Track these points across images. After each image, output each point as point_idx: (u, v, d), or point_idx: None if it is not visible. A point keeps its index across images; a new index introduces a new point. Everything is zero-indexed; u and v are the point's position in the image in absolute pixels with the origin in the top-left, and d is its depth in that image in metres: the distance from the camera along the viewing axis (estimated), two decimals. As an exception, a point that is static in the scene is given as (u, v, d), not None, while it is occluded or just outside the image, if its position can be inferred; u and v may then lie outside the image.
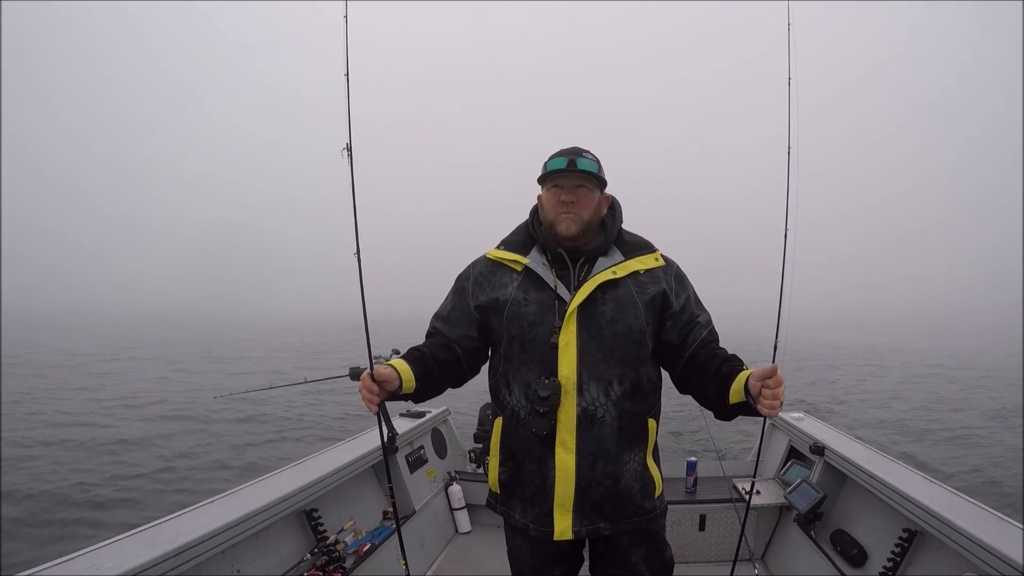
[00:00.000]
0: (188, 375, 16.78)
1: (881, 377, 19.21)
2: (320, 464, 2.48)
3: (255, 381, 7.89)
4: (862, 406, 13.18)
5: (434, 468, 3.38)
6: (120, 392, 13.00)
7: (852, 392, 15.53)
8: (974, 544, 1.73)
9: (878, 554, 2.29)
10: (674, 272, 1.56)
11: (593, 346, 1.43)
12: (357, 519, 2.63)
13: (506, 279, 1.54)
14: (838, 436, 2.91)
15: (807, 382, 17.19)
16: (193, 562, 1.70)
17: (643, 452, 1.51)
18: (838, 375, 19.30)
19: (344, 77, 1.66)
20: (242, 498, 2.07)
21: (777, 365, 1.29)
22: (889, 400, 14.10)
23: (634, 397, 1.47)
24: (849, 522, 2.57)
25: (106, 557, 1.57)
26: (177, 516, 1.88)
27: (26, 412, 10.21)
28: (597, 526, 1.46)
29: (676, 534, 2.94)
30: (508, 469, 1.54)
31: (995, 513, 1.90)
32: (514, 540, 1.61)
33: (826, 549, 2.52)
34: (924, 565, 2.08)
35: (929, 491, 2.11)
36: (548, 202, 1.51)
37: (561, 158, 1.48)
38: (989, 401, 13.95)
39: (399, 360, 1.48)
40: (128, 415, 10.53)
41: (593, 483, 1.44)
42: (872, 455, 2.58)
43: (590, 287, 1.45)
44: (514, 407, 1.49)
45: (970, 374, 20.30)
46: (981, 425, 11.03)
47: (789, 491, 2.79)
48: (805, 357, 25.15)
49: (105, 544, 1.65)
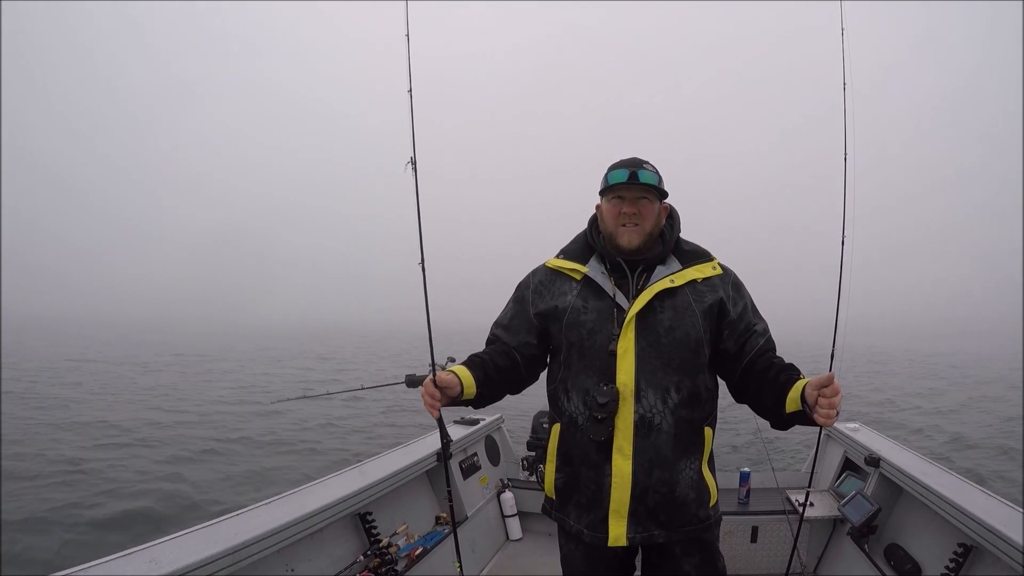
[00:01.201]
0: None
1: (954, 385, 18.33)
2: (375, 468, 2.54)
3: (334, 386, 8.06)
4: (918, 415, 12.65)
5: (487, 475, 3.40)
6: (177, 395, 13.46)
7: (910, 400, 14.94)
8: None
9: (932, 569, 2.22)
10: (732, 280, 1.56)
11: (651, 353, 1.45)
12: (410, 523, 2.67)
13: (565, 287, 1.57)
14: (894, 447, 2.83)
15: (871, 388, 16.59)
16: (249, 560, 1.75)
17: (699, 460, 1.51)
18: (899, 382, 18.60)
19: (408, 93, 1.70)
20: (299, 499, 2.13)
21: (834, 374, 1.28)
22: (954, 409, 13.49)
23: (691, 405, 1.47)
24: (903, 536, 2.50)
25: (166, 552, 1.62)
26: (236, 515, 1.94)
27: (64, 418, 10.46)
28: (652, 533, 1.47)
29: (728, 545, 2.90)
30: (564, 475, 1.56)
31: None
32: (568, 546, 1.62)
33: (879, 563, 2.45)
34: None
35: (986, 505, 2.05)
36: (609, 213, 1.53)
37: (623, 170, 1.49)
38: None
39: (460, 367, 1.52)
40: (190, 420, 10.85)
41: (649, 490, 1.45)
42: (928, 467, 2.51)
43: (648, 295, 1.46)
44: (572, 413, 1.52)
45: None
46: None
47: (843, 503, 2.72)
48: (860, 363, 24.30)
49: (165, 540, 1.70)
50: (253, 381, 17.10)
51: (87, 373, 17.69)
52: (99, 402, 12.32)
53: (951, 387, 17.60)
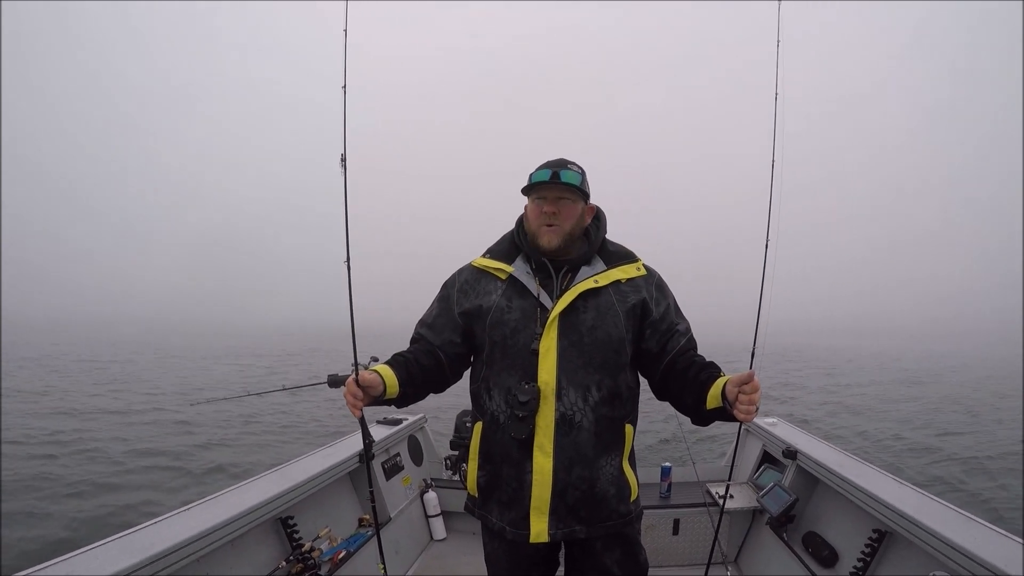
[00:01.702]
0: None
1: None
2: (296, 471, 2.46)
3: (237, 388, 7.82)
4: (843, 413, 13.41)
5: (410, 475, 3.37)
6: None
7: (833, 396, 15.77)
8: (942, 543, 1.77)
9: (849, 555, 2.33)
10: (655, 281, 1.59)
11: (573, 353, 1.46)
12: (333, 526, 2.61)
13: (491, 287, 1.57)
14: (811, 441, 2.96)
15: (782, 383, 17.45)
16: (168, 570, 1.68)
17: (619, 457, 1.53)
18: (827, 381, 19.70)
19: (342, 89, 1.65)
20: (217, 505, 2.05)
21: (754, 372, 1.32)
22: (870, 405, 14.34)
23: (612, 403, 1.49)
24: (821, 524, 2.61)
25: (81, 565, 1.55)
26: (153, 523, 1.85)
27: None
28: (572, 529, 1.48)
29: (650, 538, 2.97)
30: (486, 473, 1.56)
31: (963, 512, 1.94)
32: (491, 544, 1.62)
33: (798, 551, 2.56)
34: (894, 565, 2.12)
35: (898, 492, 2.16)
36: (532, 213, 1.55)
37: (545, 170, 1.51)
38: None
39: (383, 366, 1.49)
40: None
41: (570, 487, 1.46)
42: (843, 459, 2.63)
43: (572, 295, 1.47)
44: (494, 411, 1.51)
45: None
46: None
47: (762, 495, 2.83)
48: (793, 361, 25.62)
49: (81, 552, 1.63)
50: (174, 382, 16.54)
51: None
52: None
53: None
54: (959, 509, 1.97)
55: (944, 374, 22.46)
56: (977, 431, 10.86)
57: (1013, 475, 7.70)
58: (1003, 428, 11.17)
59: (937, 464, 8.41)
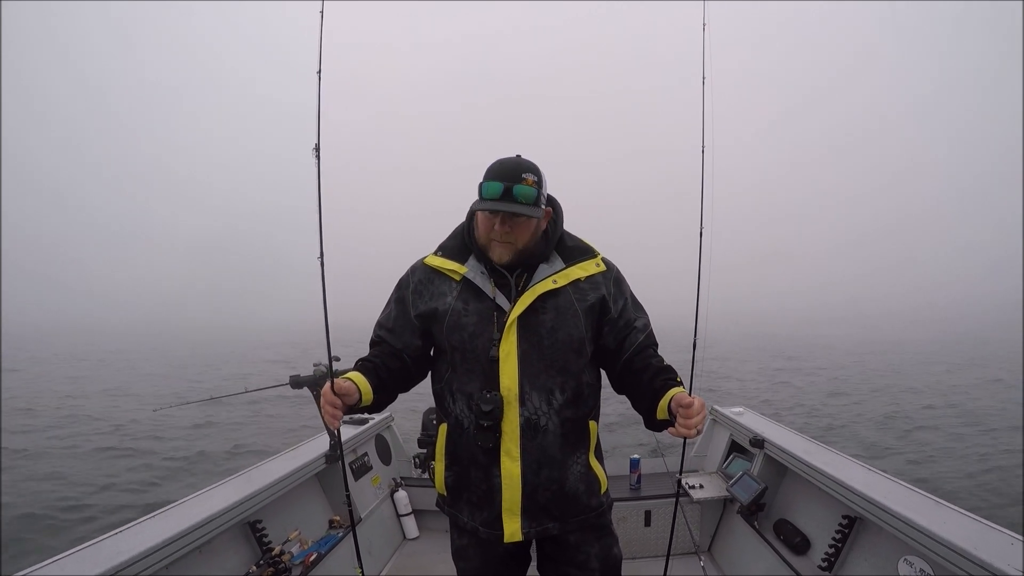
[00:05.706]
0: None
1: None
2: (262, 474, 2.42)
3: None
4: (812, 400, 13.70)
5: (379, 475, 3.35)
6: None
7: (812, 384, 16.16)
8: (910, 528, 1.80)
9: (820, 541, 2.37)
10: (613, 277, 1.56)
11: (534, 356, 1.44)
12: (302, 529, 2.58)
13: (445, 288, 1.51)
14: (778, 429, 3.01)
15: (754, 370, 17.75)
16: None
17: (586, 454, 1.53)
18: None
19: (316, 75, 1.56)
20: (183, 511, 2.01)
21: (695, 398, 1.33)
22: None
23: (575, 404, 1.49)
24: (791, 512, 2.66)
25: None
26: (118, 532, 1.82)
27: None
28: (546, 527, 1.48)
29: (623, 530, 2.99)
30: (454, 473, 1.54)
31: (931, 497, 1.97)
32: (460, 540, 1.61)
33: (770, 539, 2.60)
34: (865, 550, 2.16)
35: (866, 479, 2.19)
36: (482, 225, 1.45)
37: (497, 183, 1.36)
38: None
39: (355, 373, 1.46)
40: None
41: (539, 488, 1.45)
42: (810, 446, 2.67)
43: (530, 297, 1.43)
44: (458, 416, 1.49)
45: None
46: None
47: (731, 484, 2.87)
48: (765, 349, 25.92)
49: (44, 565, 1.59)
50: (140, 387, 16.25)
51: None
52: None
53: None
54: (928, 495, 1.99)
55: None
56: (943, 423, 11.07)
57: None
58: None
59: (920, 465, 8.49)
